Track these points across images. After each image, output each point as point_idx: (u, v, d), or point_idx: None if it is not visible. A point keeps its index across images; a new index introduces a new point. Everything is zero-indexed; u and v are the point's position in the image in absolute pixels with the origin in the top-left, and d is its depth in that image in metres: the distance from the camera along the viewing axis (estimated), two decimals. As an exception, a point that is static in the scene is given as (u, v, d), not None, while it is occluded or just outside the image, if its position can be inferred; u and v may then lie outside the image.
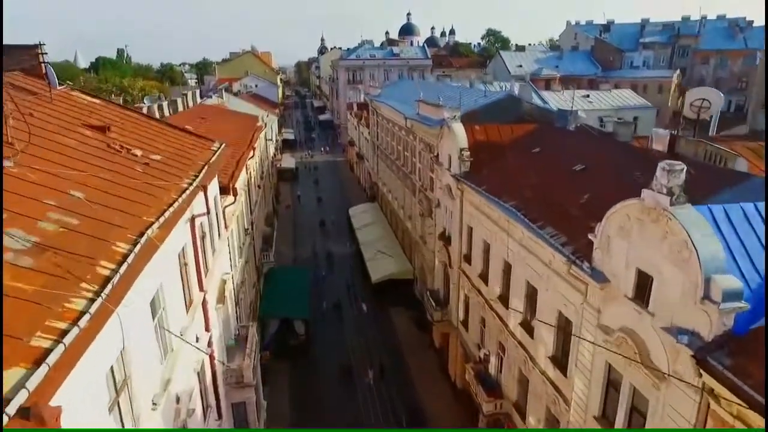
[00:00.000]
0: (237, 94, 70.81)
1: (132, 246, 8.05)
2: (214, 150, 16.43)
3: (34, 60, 14.95)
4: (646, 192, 10.71)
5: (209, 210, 14.38)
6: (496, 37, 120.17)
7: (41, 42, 14.50)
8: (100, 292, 6.49)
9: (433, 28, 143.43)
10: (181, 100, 38.91)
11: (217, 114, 41.83)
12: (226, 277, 17.45)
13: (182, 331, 11.77)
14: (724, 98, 24.16)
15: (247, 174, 28.72)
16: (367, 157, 59.10)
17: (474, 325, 23.58)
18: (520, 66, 74.09)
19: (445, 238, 26.91)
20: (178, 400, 10.90)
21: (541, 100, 41.74)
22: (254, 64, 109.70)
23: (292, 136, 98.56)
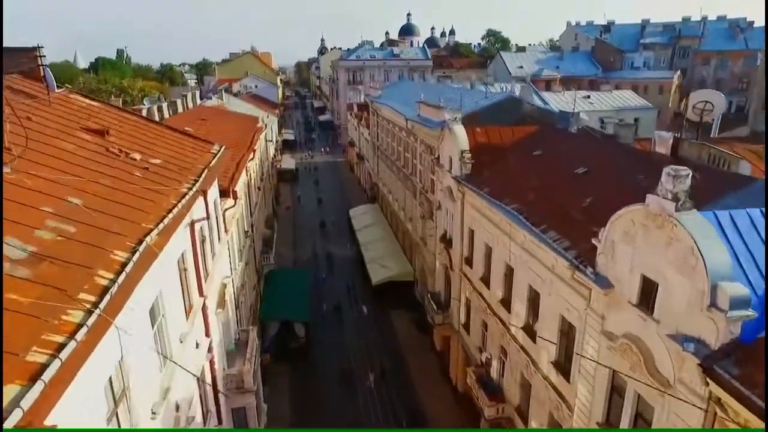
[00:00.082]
0: (237, 94, 70.62)
1: (130, 254, 7.93)
2: (214, 153, 16.30)
3: (32, 62, 14.81)
4: (650, 197, 10.58)
5: (209, 215, 14.26)
6: (496, 38, 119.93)
7: (39, 45, 14.34)
8: (97, 304, 6.37)
9: (433, 28, 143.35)
10: (181, 101, 38.76)
11: (216, 115, 41.68)
12: (226, 281, 17.31)
13: (182, 337, 11.67)
14: (725, 99, 24.06)
15: (247, 176, 28.58)
16: (368, 158, 58.92)
17: (475, 329, 23.44)
18: (521, 67, 74.03)
19: (446, 240, 26.76)
20: (177, 408, 10.77)
21: (542, 102, 41.65)
22: (254, 65, 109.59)
23: (293, 137, 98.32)
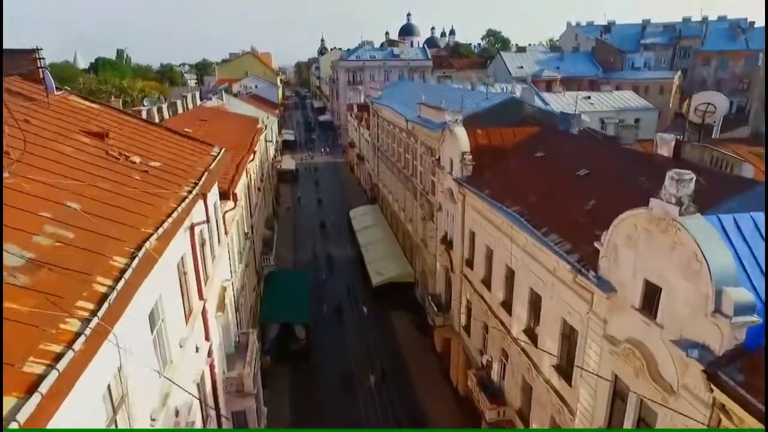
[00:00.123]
0: (237, 95, 70.52)
1: (130, 260, 7.84)
2: (214, 155, 16.22)
3: (31, 64, 14.75)
4: (654, 201, 10.49)
5: (209, 218, 14.17)
6: (496, 38, 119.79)
7: (38, 47, 14.27)
8: (96, 312, 6.29)
9: (433, 28, 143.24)
10: (181, 102, 38.71)
11: (216, 116, 41.60)
12: (226, 284, 17.22)
13: (182, 342, 11.59)
14: (727, 100, 23.97)
15: (247, 177, 28.49)
16: (368, 159, 58.82)
17: (476, 331, 23.36)
18: (521, 67, 73.91)
19: (446, 242, 26.68)
20: (177, 414, 10.69)
21: (543, 102, 41.58)
22: (254, 65, 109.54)
23: (293, 137, 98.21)
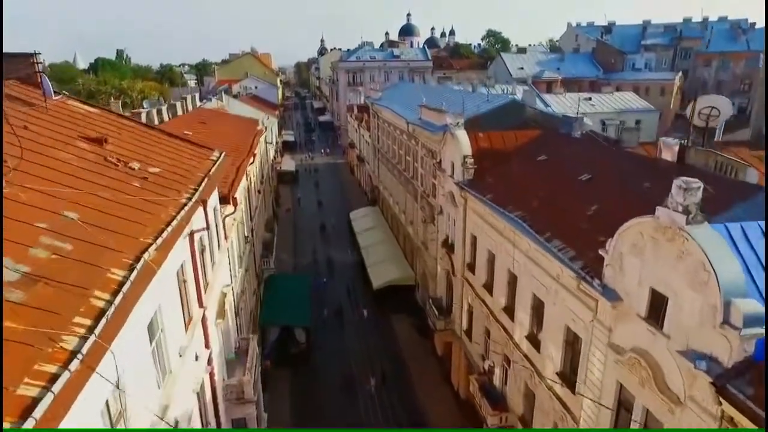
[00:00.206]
0: (237, 96, 70.39)
1: (128, 272, 7.69)
2: (214, 160, 16.07)
3: (30, 68, 14.60)
4: (660, 210, 10.33)
5: (209, 225, 14.01)
6: (496, 38, 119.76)
7: (36, 51, 14.12)
8: (93, 328, 6.14)
9: (433, 28, 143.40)
10: (181, 104, 38.53)
11: (216, 118, 41.46)
12: (226, 290, 17.06)
13: (181, 351, 11.44)
14: (731, 104, 23.85)
15: (247, 180, 28.32)
16: (368, 160, 58.64)
17: (478, 336, 23.19)
18: (522, 68, 73.76)
19: (447, 245, 26.51)
20: (176, 424, 10.53)
21: (544, 104, 41.43)
22: (254, 66, 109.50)
23: (293, 138, 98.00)
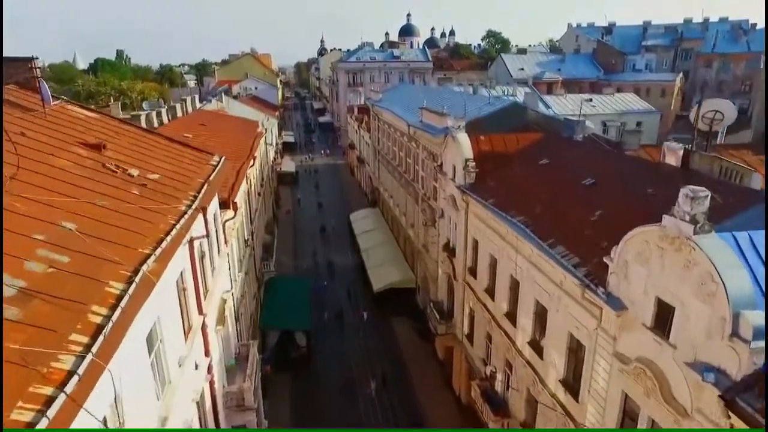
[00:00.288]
0: (237, 97, 70.20)
1: (126, 285, 7.54)
2: (214, 165, 15.93)
3: (28, 73, 14.46)
4: (667, 219, 10.19)
5: (209, 232, 13.85)
6: (496, 39, 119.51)
7: (35, 56, 14.00)
8: (91, 346, 5.99)
9: (433, 28, 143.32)
10: (180, 106, 38.34)
11: (216, 119, 41.31)
12: (226, 296, 16.90)
13: (181, 360, 11.28)
14: (734, 107, 23.74)
15: (247, 183, 28.15)
16: (368, 162, 58.45)
17: (479, 340, 23.05)
18: (522, 69, 73.60)
19: (449, 249, 26.35)
20: (176, 436, 10.38)
21: (545, 106, 41.27)
22: (254, 66, 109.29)
23: (293, 139, 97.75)
